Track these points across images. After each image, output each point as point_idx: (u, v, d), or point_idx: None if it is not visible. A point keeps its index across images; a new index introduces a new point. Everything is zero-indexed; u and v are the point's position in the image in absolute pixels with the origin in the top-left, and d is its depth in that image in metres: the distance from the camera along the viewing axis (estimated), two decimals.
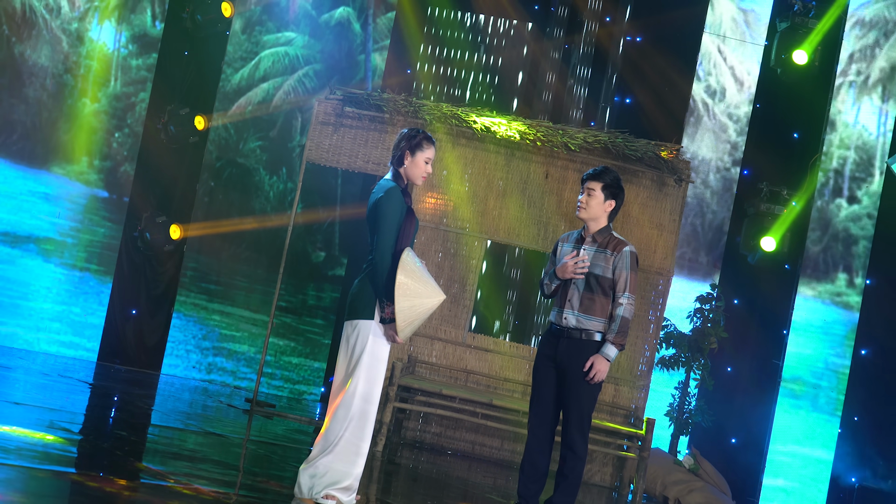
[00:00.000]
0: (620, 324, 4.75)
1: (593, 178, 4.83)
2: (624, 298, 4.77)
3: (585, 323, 4.77)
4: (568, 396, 4.80)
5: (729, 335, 7.82)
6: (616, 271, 4.78)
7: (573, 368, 4.77)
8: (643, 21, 8.77)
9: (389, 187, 4.44)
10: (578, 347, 4.77)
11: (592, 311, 4.77)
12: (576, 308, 4.79)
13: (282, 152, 8.69)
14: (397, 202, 4.40)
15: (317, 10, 8.78)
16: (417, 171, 4.49)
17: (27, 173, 7.74)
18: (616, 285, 4.79)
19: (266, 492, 4.77)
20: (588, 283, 4.77)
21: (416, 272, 4.35)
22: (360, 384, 4.38)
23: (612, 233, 4.87)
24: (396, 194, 4.42)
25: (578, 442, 4.81)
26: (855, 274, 8.04)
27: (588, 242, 4.83)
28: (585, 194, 4.83)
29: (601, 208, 4.83)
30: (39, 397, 6.11)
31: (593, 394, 4.83)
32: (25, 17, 7.64)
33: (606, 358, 4.74)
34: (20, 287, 7.70)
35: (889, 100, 8.14)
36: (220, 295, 8.47)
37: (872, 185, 8.09)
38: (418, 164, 4.48)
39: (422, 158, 4.48)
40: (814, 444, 7.78)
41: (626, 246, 4.81)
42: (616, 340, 4.75)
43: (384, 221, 4.37)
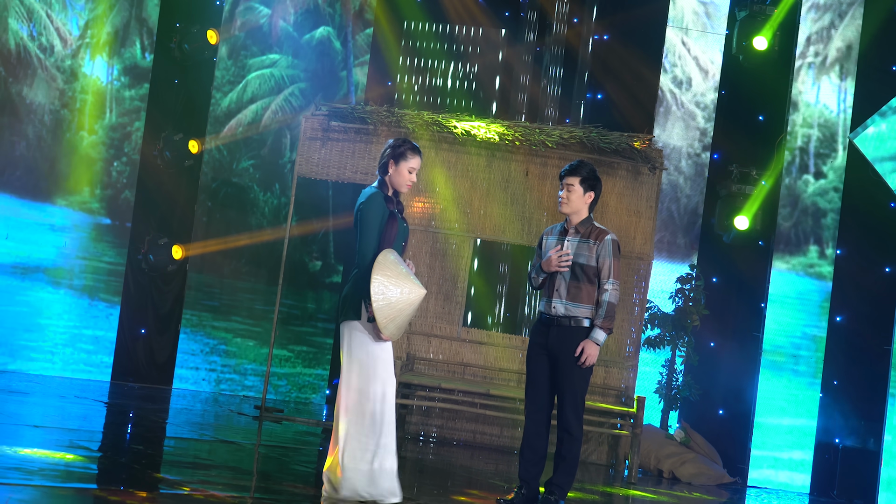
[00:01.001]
0: (607, 309, 4.78)
1: (571, 173, 4.85)
2: (609, 284, 4.80)
3: (573, 310, 4.80)
4: (561, 381, 4.83)
5: (710, 312, 7.85)
6: (599, 259, 4.81)
7: (564, 354, 4.80)
8: (609, 20, 8.79)
9: (371, 193, 4.46)
10: (568, 334, 4.80)
11: (580, 299, 4.80)
12: (563, 297, 4.82)
13: (274, 169, 8.70)
14: (378, 207, 4.42)
15: (298, 32, 8.79)
16: (401, 179, 4.50)
17: (32, 206, 7.74)
18: (600, 273, 4.82)
19: (280, 493, 4.78)
20: (574, 273, 4.80)
21: (393, 270, 4.33)
22: (353, 381, 4.39)
23: (593, 223, 4.90)
24: (378, 199, 4.44)
25: (574, 424, 4.83)
26: (825, 245, 8.06)
27: (571, 234, 4.86)
28: (565, 190, 4.85)
29: (581, 201, 4.86)
30: (58, 419, 6.11)
31: (585, 377, 4.86)
32: (21, 57, 7.64)
33: (596, 342, 4.78)
34: (33, 315, 7.70)
35: (847, 78, 8.16)
36: (224, 309, 8.47)
37: (837, 160, 8.11)
38: (402, 173, 4.49)
39: (405, 168, 4.49)
40: (797, 409, 7.80)
41: (607, 235, 4.85)
42: (604, 325, 4.79)
43: (365, 225, 4.39)
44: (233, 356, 8.45)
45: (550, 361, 4.86)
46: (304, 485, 5.24)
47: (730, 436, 7.85)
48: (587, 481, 6.43)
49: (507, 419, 6.97)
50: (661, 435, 7.39)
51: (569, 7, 9.01)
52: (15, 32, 7.63)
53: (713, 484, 7.17)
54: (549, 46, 9.04)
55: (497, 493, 5.31)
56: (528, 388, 4.95)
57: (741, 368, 8.00)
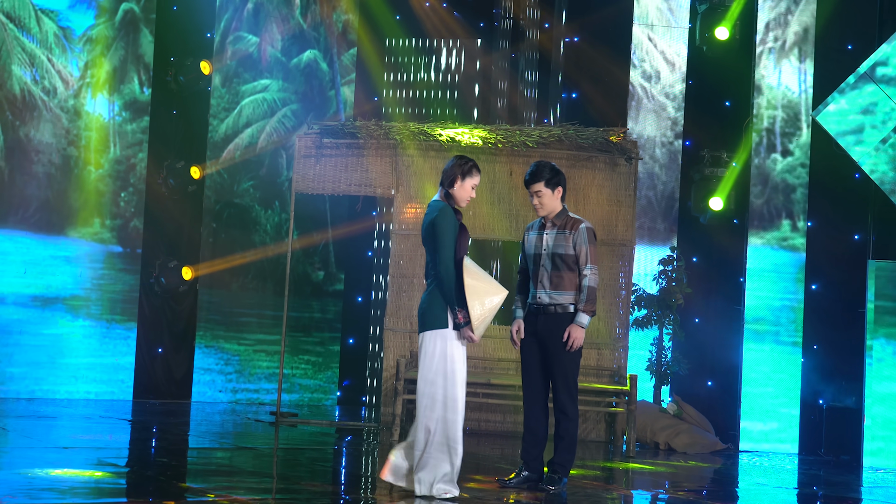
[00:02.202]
0: (588, 293, 4.82)
1: (534, 181, 4.88)
2: (588, 270, 4.84)
3: (558, 298, 4.85)
4: (553, 366, 4.87)
5: (693, 290, 7.87)
6: (576, 247, 4.86)
7: (553, 340, 4.84)
8: (578, 22, 8.81)
9: (442, 206, 4.51)
10: (555, 320, 4.84)
11: (562, 287, 4.85)
12: (547, 287, 4.86)
13: (272, 188, 8.71)
14: (451, 219, 4.48)
15: (286, 57, 8.81)
16: (464, 194, 4.57)
17: (47, 241, 7.75)
18: (579, 259, 4.86)
19: (300, 492, 4.79)
20: (554, 263, 4.85)
21: (479, 275, 4.48)
22: (440, 388, 4.42)
23: (568, 214, 4.95)
24: (449, 212, 4.50)
25: (568, 405, 4.86)
26: (797, 219, 8.07)
27: (548, 228, 4.93)
28: (535, 198, 4.91)
29: (554, 200, 4.92)
30: (85, 439, 6.11)
31: (575, 360, 4.89)
32: (26, 101, 7.66)
33: (581, 325, 4.82)
34: (55, 344, 7.71)
35: (806, 59, 8.18)
36: (235, 323, 8.49)
37: (801, 137, 8.13)
38: (466, 188, 4.56)
39: (469, 184, 4.57)
40: (781, 374, 7.81)
41: (581, 223, 4.89)
42: (587, 308, 4.82)
43: (443, 237, 4.44)
44: (246, 367, 8.47)
45: (541, 348, 4.89)
46: (323, 483, 5.27)
47: (720, 405, 7.87)
48: (588, 458, 6.45)
49: (509, 406, 6.99)
50: (655, 409, 7.41)
51: (539, 13, 9.04)
52: (19, 78, 7.65)
53: (707, 452, 7.19)
54: (523, 52, 9.06)
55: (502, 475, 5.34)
56: (523, 375, 4.99)
57: (726, 341, 8.02)
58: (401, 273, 7.28)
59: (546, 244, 4.90)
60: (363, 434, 7.01)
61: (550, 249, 4.87)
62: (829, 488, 6.26)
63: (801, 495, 5.99)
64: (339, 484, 5.31)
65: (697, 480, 6.19)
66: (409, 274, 7.26)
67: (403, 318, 7.23)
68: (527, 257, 5.01)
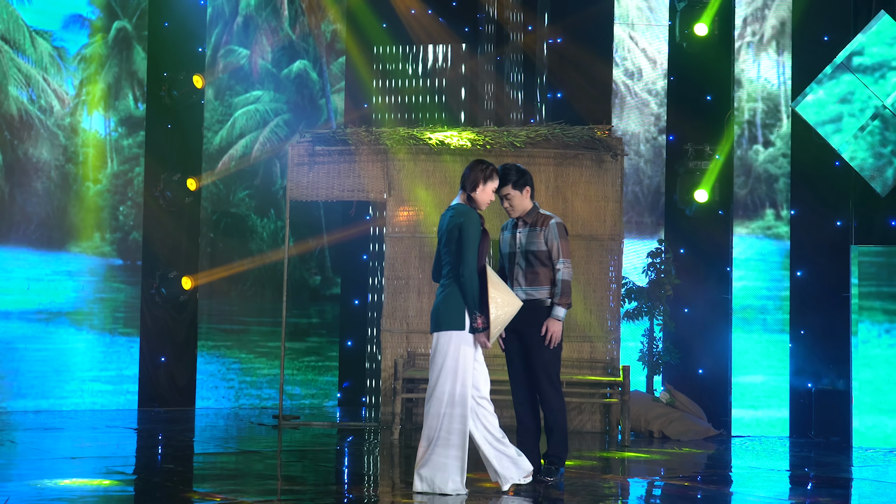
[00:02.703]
0: (563, 287, 4.84)
1: (502, 185, 4.85)
2: (560, 264, 4.86)
3: (534, 294, 4.86)
4: (533, 360, 4.88)
5: (681, 281, 7.89)
6: (548, 243, 4.88)
7: (532, 335, 4.86)
8: (560, 24, 8.84)
9: (467, 210, 4.53)
10: (533, 315, 4.85)
11: (538, 283, 4.86)
12: (523, 284, 4.88)
13: (267, 196, 8.73)
14: (476, 223, 4.50)
15: (277, 68, 8.83)
16: (486, 197, 4.59)
17: (49, 256, 7.76)
18: (552, 254, 4.88)
19: (304, 493, 4.81)
20: (528, 260, 4.87)
21: (500, 285, 4.52)
22: (449, 386, 4.44)
23: (539, 211, 4.96)
24: (475, 217, 4.52)
25: (553, 397, 4.86)
26: (780, 207, 8.10)
27: (521, 226, 4.95)
28: (506, 201, 4.91)
29: (524, 201, 4.92)
30: (93, 448, 6.12)
31: (556, 352, 4.89)
32: (23, 120, 7.67)
33: (557, 318, 4.84)
34: (60, 357, 7.72)
35: (784, 52, 8.21)
36: (236, 330, 8.50)
37: (782, 128, 8.16)
38: (487, 192, 4.59)
39: (490, 188, 4.60)
40: (771, 360, 7.84)
41: (552, 219, 4.92)
42: (562, 302, 4.84)
43: (470, 242, 4.44)
44: (248, 372, 8.48)
45: (521, 343, 4.91)
46: (327, 482, 5.28)
47: (711, 392, 7.90)
48: (584, 448, 6.47)
49: (505, 400, 6.96)
50: (648, 398, 7.44)
51: (522, 16, 9.06)
52: (16, 98, 7.65)
53: (700, 438, 7.21)
54: (508, 55, 9.08)
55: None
56: (508, 371, 5.01)
57: (715, 329, 8.05)
58: (396, 275, 7.30)
59: (519, 242, 4.92)
60: (364, 434, 7.02)
61: (524, 247, 4.88)
62: (821, 469, 6.28)
63: (794, 477, 6.02)
64: (343, 483, 5.32)
65: (692, 466, 6.21)
66: (403, 276, 7.28)
67: (399, 319, 7.25)
68: (503, 256, 5.01)
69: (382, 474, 5.58)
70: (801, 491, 5.56)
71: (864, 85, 7.82)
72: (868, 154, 7.86)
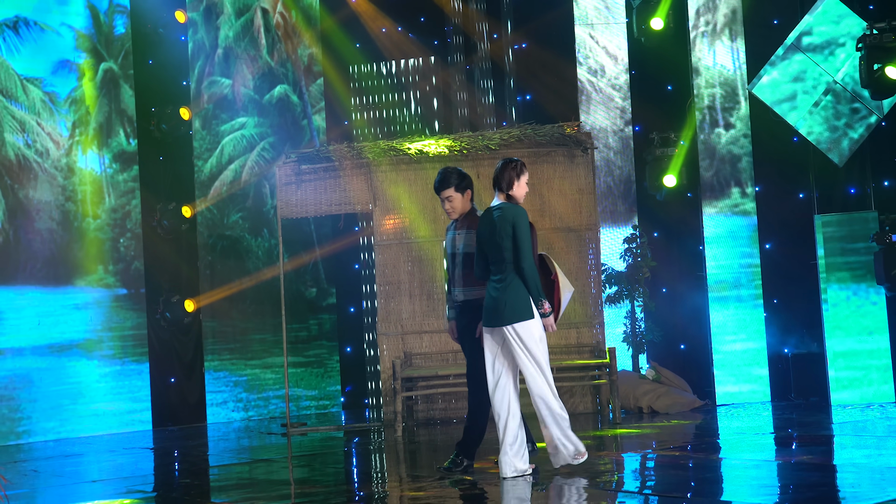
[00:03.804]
0: None
1: (444, 187, 4.86)
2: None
3: (469, 295, 4.83)
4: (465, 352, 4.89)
5: (657, 263, 7.95)
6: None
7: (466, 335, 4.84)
8: (523, 30, 8.89)
9: (515, 207, 4.59)
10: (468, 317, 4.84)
11: (473, 283, 4.81)
12: (460, 285, 4.85)
13: (260, 217, 8.75)
14: (527, 219, 4.58)
15: (258, 94, 8.85)
16: (522, 191, 4.65)
17: (56, 292, 7.76)
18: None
19: (316, 495, 4.83)
20: (465, 262, 4.82)
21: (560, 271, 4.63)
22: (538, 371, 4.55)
23: (476, 214, 4.92)
24: (524, 213, 4.59)
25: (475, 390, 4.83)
26: (745, 185, 8.16)
27: (459, 228, 4.93)
28: (447, 203, 4.88)
29: (464, 202, 4.91)
30: (112, 470, 6.13)
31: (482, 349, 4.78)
32: (21, 164, 7.68)
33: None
34: (74, 386, 7.71)
35: (737, 38, 8.27)
36: (240, 346, 8.51)
37: (741, 110, 8.22)
38: (522, 186, 4.65)
39: (524, 181, 4.66)
40: (748, 330, 7.89)
41: None
42: None
43: (525, 237, 4.52)
44: (255, 385, 8.49)
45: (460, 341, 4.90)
46: (337, 482, 5.30)
47: (694, 365, 7.94)
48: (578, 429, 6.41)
49: None
50: (635, 377, 7.48)
51: (487, 26, 9.11)
52: (12, 144, 7.66)
53: (687, 409, 7.26)
54: (477, 63, 9.12)
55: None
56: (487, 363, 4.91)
57: (693, 306, 8.10)
58: (387, 281, 7.33)
59: (458, 245, 4.87)
60: (369, 433, 7.05)
61: (462, 249, 4.83)
62: (803, 429, 6.33)
63: (778, 438, 6.07)
64: (353, 482, 5.35)
65: (682, 437, 6.26)
66: (394, 281, 7.31)
67: (394, 322, 7.28)
68: (447, 257, 4.99)
69: (390, 470, 5.61)
70: (787, 451, 5.61)
71: (815, 63, 7.89)
72: (824, 128, 7.93)
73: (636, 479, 4.92)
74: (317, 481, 5.27)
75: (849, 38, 7.83)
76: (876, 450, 5.43)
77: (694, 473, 4.97)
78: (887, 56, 7.19)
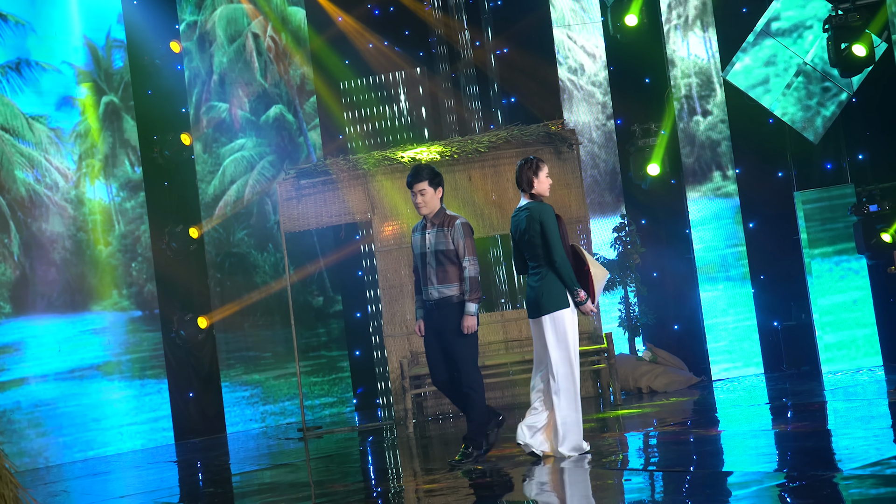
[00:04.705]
0: (471, 283, 4.81)
1: (418, 180, 4.83)
2: (466, 262, 4.83)
3: (445, 291, 4.82)
4: (453, 351, 4.85)
5: (646, 249, 7.96)
6: (454, 242, 4.83)
7: (449, 329, 4.83)
8: (503, 35, 8.91)
9: (540, 205, 4.65)
10: (446, 312, 4.83)
11: (448, 280, 4.82)
12: (435, 283, 4.83)
13: (264, 233, 8.77)
14: (553, 215, 4.64)
15: (255, 115, 8.87)
16: (544, 186, 4.70)
17: (74, 318, 7.79)
18: (458, 253, 4.83)
19: (335, 493, 4.83)
20: (438, 259, 4.82)
21: (592, 258, 4.67)
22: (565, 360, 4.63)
23: (445, 212, 4.91)
24: (550, 209, 4.66)
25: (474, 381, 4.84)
26: (726, 169, 8.17)
27: (429, 227, 4.90)
28: (419, 196, 4.84)
29: (435, 199, 4.88)
30: (138, 485, 6.14)
31: (472, 343, 4.87)
32: (33, 200, 7.71)
33: (470, 314, 4.82)
34: (97, 408, 7.73)
35: (708, 29, 8.28)
36: (253, 357, 8.53)
37: (717, 97, 8.23)
38: (542, 182, 4.69)
39: (543, 175, 4.70)
40: (738, 307, 7.90)
41: (457, 220, 4.87)
42: (472, 298, 4.81)
43: (553, 233, 4.59)
44: (270, 394, 8.50)
45: (439, 339, 4.87)
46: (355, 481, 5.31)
47: (688, 344, 7.95)
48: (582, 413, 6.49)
49: (504, 381, 7.05)
50: (633, 359, 7.49)
51: (469, 34, 9.13)
52: (23, 181, 7.69)
53: (684, 387, 7.27)
54: (461, 70, 9.15)
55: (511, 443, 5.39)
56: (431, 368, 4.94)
57: (683, 287, 8.11)
58: (389, 285, 7.34)
59: (429, 243, 4.86)
60: (382, 431, 7.06)
61: (433, 247, 4.82)
62: (797, 397, 6.33)
63: (774, 408, 6.07)
64: (370, 479, 5.35)
65: (681, 413, 6.26)
66: (397, 284, 7.32)
67: (399, 323, 7.29)
68: (415, 257, 4.95)
69: (404, 465, 5.62)
70: (782, 420, 5.61)
71: (785, 46, 7.90)
72: (797, 108, 7.94)
73: (640, 457, 4.93)
74: (335, 481, 5.28)
75: (815, 21, 7.85)
76: (867, 412, 5.43)
77: (695, 447, 4.98)
78: (853, 35, 7.20)
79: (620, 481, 4.25)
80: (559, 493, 4.27)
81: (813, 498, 3.53)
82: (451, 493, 4.41)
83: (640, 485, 4.16)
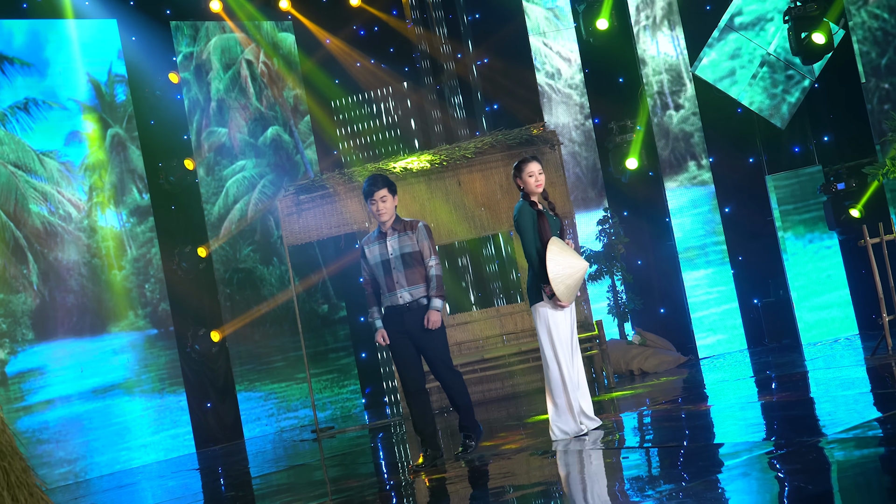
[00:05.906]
0: (436, 281, 4.78)
1: (377, 188, 4.76)
2: (431, 261, 4.80)
3: (416, 293, 4.78)
4: (426, 351, 4.80)
5: (630, 239, 7.97)
6: (419, 244, 4.80)
7: (420, 331, 4.78)
8: (483, 47, 8.94)
9: (520, 205, 4.75)
10: (417, 315, 4.79)
11: (416, 282, 4.78)
12: (405, 285, 4.78)
13: (268, 247, 8.78)
14: (526, 212, 4.72)
15: (253, 137, 8.89)
16: (531, 185, 4.75)
17: (93, 341, 7.80)
18: (423, 254, 4.80)
19: (350, 490, 4.82)
20: (405, 262, 4.77)
21: (559, 249, 4.64)
22: (549, 348, 4.70)
23: (402, 219, 4.87)
24: (525, 208, 4.73)
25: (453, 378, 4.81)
26: (700, 158, 8.19)
27: (390, 234, 4.82)
28: (380, 203, 4.76)
29: (394, 205, 4.82)
30: (164, 494, 6.13)
31: (441, 338, 4.82)
32: (48, 231, 7.72)
33: (436, 309, 4.78)
34: (120, 424, 7.74)
35: (675, 27, 8.31)
36: (265, 366, 8.53)
37: (687, 91, 8.25)
38: (527, 181, 4.75)
39: (526, 175, 4.74)
40: (719, 287, 7.92)
41: (419, 223, 4.85)
42: (438, 294, 4.78)
43: (522, 230, 4.70)
44: (283, 400, 8.51)
45: (413, 341, 4.81)
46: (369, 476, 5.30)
47: (674, 326, 7.97)
48: None
49: (504, 373, 7.05)
50: (623, 343, 7.50)
51: (451, 47, 9.16)
52: (37, 214, 7.70)
53: (674, 366, 7.28)
54: (445, 82, 9.17)
55: (514, 431, 5.39)
56: (401, 370, 4.84)
57: (667, 273, 8.13)
58: None
59: (392, 249, 4.78)
60: (391, 428, 7.06)
61: (398, 252, 4.76)
62: (780, 369, 6.34)
63: (759, 381, 6.07)
64: (382, 473, 5.35)
65: (672, 392, 6.27)
66: None
67: None
68: (373, 268, 4.84)
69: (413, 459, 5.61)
70: (767, 391, 5.62)
71: (748, 39, 7.93)
72: (764, 96, 7.97)
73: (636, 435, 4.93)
74: (350, 477, 5.27)
75: (776, 13, 7.87)
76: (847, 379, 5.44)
77: (687, 423, 4.98)
78: (812, 24, 7.23)
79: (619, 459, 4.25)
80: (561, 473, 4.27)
81: (800, 463, 3.53)
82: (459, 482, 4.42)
83: (638, 461, 4.16)
